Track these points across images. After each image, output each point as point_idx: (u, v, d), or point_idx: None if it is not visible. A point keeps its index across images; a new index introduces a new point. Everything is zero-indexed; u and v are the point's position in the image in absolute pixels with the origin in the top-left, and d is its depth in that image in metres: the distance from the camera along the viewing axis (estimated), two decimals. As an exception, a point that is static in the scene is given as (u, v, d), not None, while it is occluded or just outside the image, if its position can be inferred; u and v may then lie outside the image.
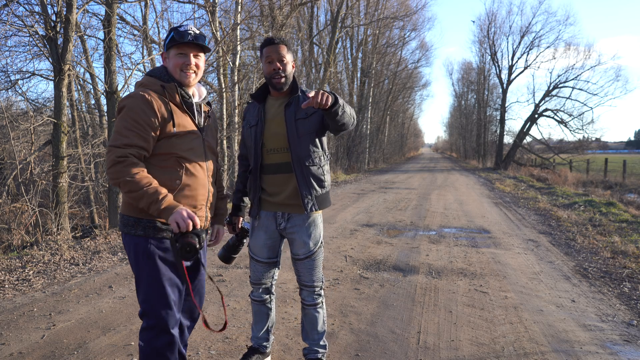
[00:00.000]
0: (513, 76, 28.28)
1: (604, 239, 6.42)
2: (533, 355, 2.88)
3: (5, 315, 3.51)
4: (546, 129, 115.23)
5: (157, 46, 9.90)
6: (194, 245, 1.73)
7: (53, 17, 6.58)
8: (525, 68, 27.57)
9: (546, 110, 26.69)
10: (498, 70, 29.39)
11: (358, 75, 24.82)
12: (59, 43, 6.49)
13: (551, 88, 26.26)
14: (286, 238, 2.46)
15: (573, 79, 25.62)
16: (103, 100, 10.39)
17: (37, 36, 6.84)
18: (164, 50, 2.03)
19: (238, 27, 10.36)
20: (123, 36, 13.44)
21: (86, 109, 11.81)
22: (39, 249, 5.45)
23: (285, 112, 2.32)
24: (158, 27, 10.13)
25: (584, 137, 26.74)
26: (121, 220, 1.97)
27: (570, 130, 26.16)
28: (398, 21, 23.88)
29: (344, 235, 6.65)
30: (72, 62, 7.03)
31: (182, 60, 1.97)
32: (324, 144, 2.42)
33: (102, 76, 8.46)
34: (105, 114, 9.92)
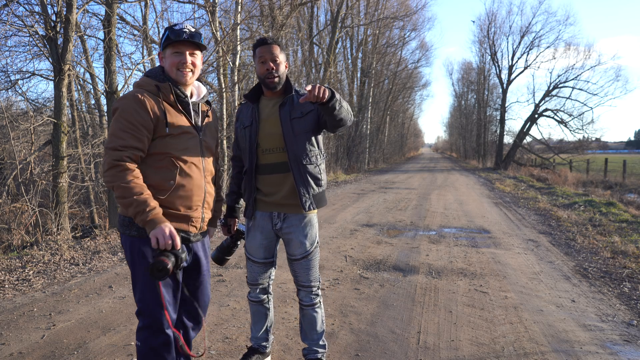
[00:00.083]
0: (513, 76, 28.31)
1: (604, 239, 6.43)
2: (533, 355, 2.88)
3: (5, 315, 3.51)
4: (546, 129, 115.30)
5: (157, 46, 9.86)
6: (166, 265, 1.69)
7: (53, 17, 6.58)
8: (525, 68, 27.60)
9: (546, 110, 26.71)
10: (498, 70, 29.44)
11: (358, 75, 24.82)
12: (59, 43, 6.49)
13: (551, 88, 26.28)
14: (282, 238, 2.45)
15: (573, 79, 25.67)
16: (103, 100, 10.39)
17: (37, 36, 6.84)
18: (161, 49, 2.03)
19: (238, 27, 10.36)
20: (123, 36, 13.44)
21: (86, 109, 11.81)
22: (39, 249, 5.45)
23: (279, 112, 2.32)
24: (158, 27, 10.11)
25: (584, 137, 26.77)
26: (119, 220, 1.98)
27: (570, 130, 26.20)
28: (398, 21, 23.91)
29: (344, 235, 6.65)
30: (72, 62, 7.03)
31: (178, 59, 1.96)
32: (320, 143, 2.43)
33: (102, 76, 8.47)
34: (105, 114, 9.93)
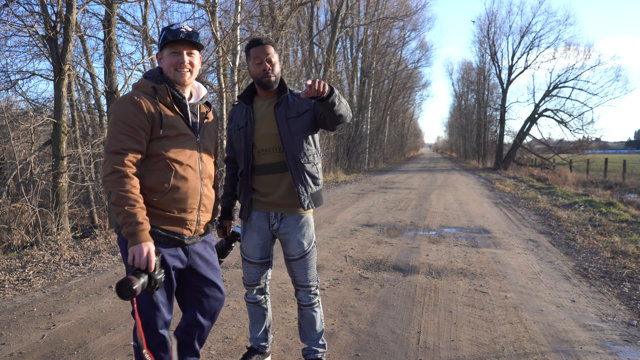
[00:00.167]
0: (513, 76, 28.30)
1: (604, 239, 6.42)
2: (533, 355, 2.88)
3: (5, 315, 3.51)
4: (546, 129, 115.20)
5: (157, 46, 9.88)
6: (132, 285, 1.65)
7: (53, 17, 6.58)
8: (525, 68, 27.60)
9: (546, 110, 26.70)
10: (498, 70, 29.43)
11: (358, 75, 24.82)
12: (59, 43, 6.49)
13: (551, 88, 26.28)
14: (279, 239, 2.45)
15: (573, 79, 25.66)
16: (103, 100, 10.37)
17: (37, 36, 6.84)
18: (158, 50, 2.02)
19: (238, 27, 10.37)
20: (123, 36, 13.43)
21: (86, 109, 11.80)
22: (39, 249, 5.45)
23: (275, 112, 2.32)
24: (158, 27, 10.08)
25: (584, 137, 26.77)
26: (116, 221, 1.98)
27: (570, 130, 26.19)
28: (398, 21, 23.91)
29: (344, 235, 6.65)
30: (72, 62, 7.03)
31: (176, 58, 1.95)
32: (317, 142, 2.44)
33: (102, 76, 8.46)
34: (105, 114, 9.92)
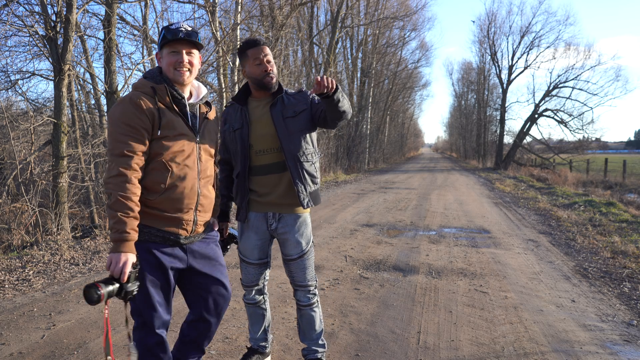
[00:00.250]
0: (513, 76, 28.30)
1: (604, 239, 6.42)
2: (533, 355, 2.88)
3: (5, 315, 3.51)
4: (546, 129, 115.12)
5: (157, 46, 9.88)
6: (97, 290, 1.65)
7: (53, 17, 6.57)
8: (525, 68, 27.59)
9: (546, 110, 26.69)
10: (498, 70, 29.42)
11: (358, 75, 24.82)
12: (59, 43, 6.48)
13: (551, 88, 26.27)
14: (277, 239, 2.45)
15: (573, 79, 25.65)
16: (103, 100, 10.37)
17: (37, 36, 6.83)
18: (158, 50, 2.02)
19: (238, 27, 10.37)
20: (123, 36, 13.40)
21: (86, 109, 11.78)
22: (39, 249, 5.45)
23: (271, 112, 2.32)
24: (158, 27, 10.08)
25: (584, 137, 26.76)
26: None
27: (570, 130, 26.18)
28: (398, 21, 23.90)
29: (344, 235, 6.65)
30: (72, 62, 7.02)
31: (175, 58, 1.94)
32: (314, 141, 2.44)
33: (102, 76, 8.46)
34: (105, 114, 9.92)
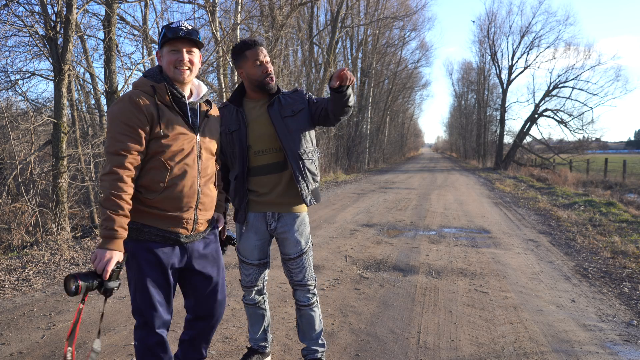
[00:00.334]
0: (513, 76, 28.29)
1: (604, 239, 6.43)
2: (533, 355, 2.88)
3: (5, 315, 3.51)
4: (546, 129, 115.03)
5: (157, 46, 9.88)
6: (74, 283, 1.69)
7: (53, 17, 6.57)
8: (525, 68, 27.58)
9: (546, 110, 26.69)
10: (498, 70, 29.41)
11: (358, 75, 24.79)
12: (59, 43, 6.48)
13: (551, 88, 26.27)
14: (276, 238, 2.46)
15: (573, 79, 25.65)
16: (103, 100, 10.39)
17: (37, 36, 6.83)
18: (158, 48, 2.02)
19: (238, 27, 10.37)
20: (123, 36, 13.40)
21: (86, 109, 11.79)
22: (39, 249, 5.45)
23: (269, 112, 2.33)
24: (158, 27, 10.08)
25: (584, 137, 26.76)
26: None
27: (570, 130, 26.18)
28: (398, 21, 23.89)
29: (344, 235, 6.65)
30: (72, 62, 7.02)
31: (175, 56, 1.94)
32: (314, 139, 2.46)
33: (102, 76, 8.46)
34: (105, 114, 9.92)
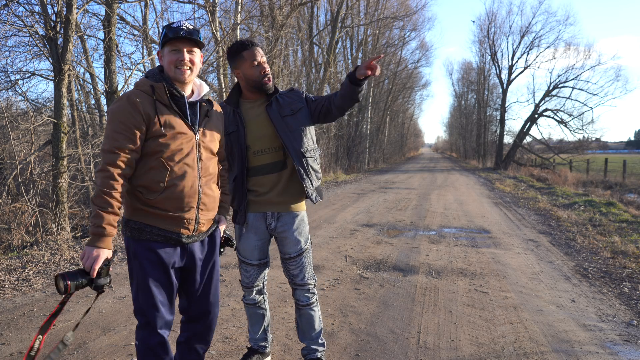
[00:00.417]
0: (513, 76, 28.28)
1: (604, 239, 6.42)
2: (533, 355, 2.88)
3: (5, 315, 3.51)
4: (546, 129, 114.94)
5: (157, 46, 9.87)
6: (60, 283, 1.71)
7: (53, 17, 6.57)
8: (525, 68, 27.57)
9: (546, 110, 26.68)
10: (498, 70, 29.40)
11: (358, 75, 24.76)
12: (59, 43, 6.48)
13: (551, 88, 26.26)
14: (276, 238, 2.46)
15: (573, 79, 25.64)
16: (103, 100, 10.37)
17: (37, 36, 6.83)
18: (159, 48, 2.02)
19: (238, 27, 10.37)
20: (123, 36, 13.40)
21: (86, 109, 11.78)
22: (39, 249, 5.45)
23: (268, 112, 2.34)
24: (158, 27, 10.07)
25: (584, 137, 26.75)
26: (119, 222, 1.99)
27: (570, 130, 26.17)
28: (398, 21, 23.89)
29: (344, 235, 6.65)
30: (72, 62, 7.02)
31: (176, 56, 1.94)
32: (314, 137, 2.48)
33: (102, 76, 8.46)
34: (105, 114, 9.92)
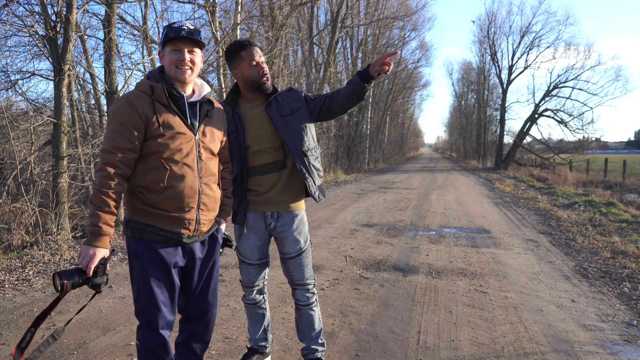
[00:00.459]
0: (513, 76, 28.28)
1: (604, 239, 6.42)
2: (533, 355, 2.88)
3: (5, 315, 3.51)
4: (546, 129, 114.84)
5: (157, 46, 9.88)
6: (57, 281, 1.73)
7: (53, 17, 6.57)
8: (525, 68, 27.57)
9: (546, 110, 26.68)
10: (498, 70, 29.40)
11: (358, 75, 24.76)
12: (59, 43, 6.48)
13: (551, 88, 26.26)
14: (275, 238, 2.46)
15: (573, 79, 25.63)
16: (103, 100, 10.36)
17: (37, 36, 6.83)
18: (160, 48, 2.02)
19: (238, 27, 10.37)
20: (123, 36, 13.39)
21: (86, 109, 11.78)
22: (39, 249, 5.45)
23: (268, 112, 2.34)
24: (158, 27, 10.07)
25: (584, 137, 26.74)
26: (118, 222, 1.99)
27: (570, 130, 26.16)
28: (398, 21, 23.90)
29: (344, 235, 6.65)
30: (72, 62, 7.02)
31: (177, 56, 1.94)
32: (315, 136, 2.49)
33: (102, 76, 8.45)
34: (105, 114, 9.92)
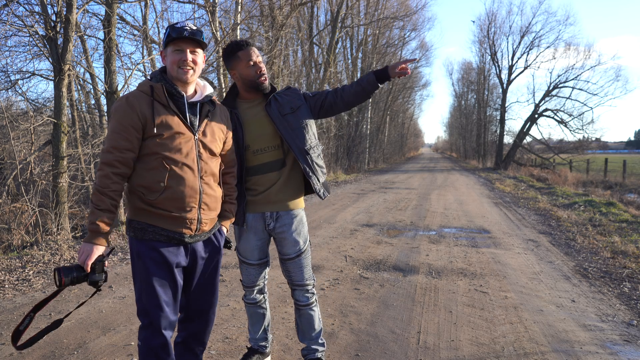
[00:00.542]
0: (513, 76, 28.27)
1: (604, 239, 6.42)
2: (533, 355, 2.88)
3: (5, 315, 3.51)
4: (546, 129, 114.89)
5: (157, 46, 9.90)
6: (56, 277, 1.77)
7: (53, 17, 6.57)
8: (525, 68, 27.56)
9: (546, 110, 26.67)
10: (498, 70, 29.39)
11: (358, 75, 24.80)
12: (59, 43, 6.48)
13: (551, 88, 26.25)
14: (274, 238, 2.46)
15: (573, 79, 25.62)
16: (103, 100, 10.36)
17: (37, 36, 6.83)
18: (162, 48, 2.02)
19: (238, 27, 10.37)
20: (123, 36, 13.40)
21: (86, 109, 11.78)
22: (39, 249, 5.45)
23: (268, 111, 2.35)
24: (158, 27, 10.10)
25: (584, 137, 26.74)
26: (118, 221, 2.00)
27: (570, 130, 26.15)
28: (398, 21, 23.89)
29: (344, 235, 6.65)
30: (72, 62, 7.02)
31: (179, 56, 1.95)
32: (316, 134, 2.49)
33: (102, 76, 8.45)
34: (105, 114, 9.91)
